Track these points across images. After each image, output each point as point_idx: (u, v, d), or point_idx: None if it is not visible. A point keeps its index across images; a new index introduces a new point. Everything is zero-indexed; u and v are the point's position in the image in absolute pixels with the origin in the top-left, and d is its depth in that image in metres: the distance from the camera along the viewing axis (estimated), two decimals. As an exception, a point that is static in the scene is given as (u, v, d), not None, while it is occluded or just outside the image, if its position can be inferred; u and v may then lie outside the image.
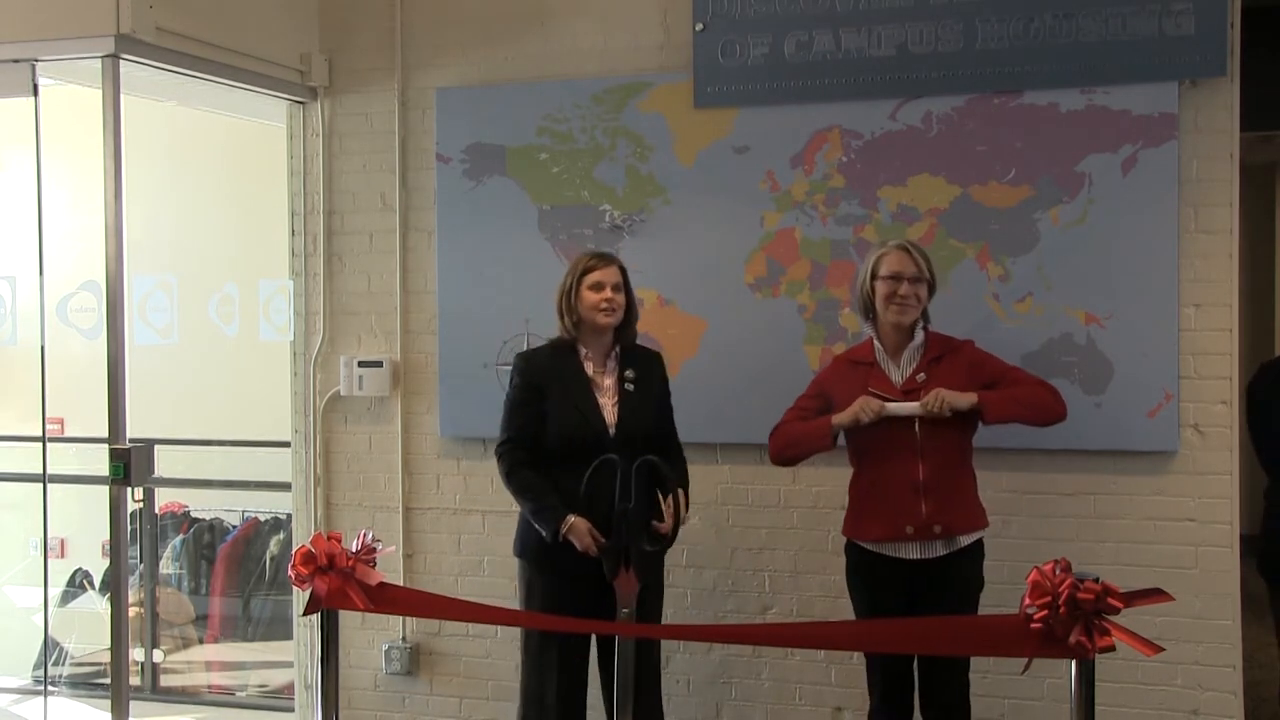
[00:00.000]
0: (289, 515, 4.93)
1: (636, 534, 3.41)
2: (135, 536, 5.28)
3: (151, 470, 3.99)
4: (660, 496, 3.49)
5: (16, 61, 3.87)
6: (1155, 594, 2.81)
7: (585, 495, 3.41)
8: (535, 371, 3.59)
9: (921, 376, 3.44)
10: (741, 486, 4.23)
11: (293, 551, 3.30)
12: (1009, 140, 3.92)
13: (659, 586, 3.70)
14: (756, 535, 4.23)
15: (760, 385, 4.11)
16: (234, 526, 5.66)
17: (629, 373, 3.59)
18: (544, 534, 3.46)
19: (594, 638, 3.64)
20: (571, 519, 3.42)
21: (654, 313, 4.18)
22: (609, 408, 3.55)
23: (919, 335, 3.51)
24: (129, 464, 3.79)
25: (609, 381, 3.59)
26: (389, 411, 4.62)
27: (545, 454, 3.56)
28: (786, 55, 4.09)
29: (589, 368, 3.59)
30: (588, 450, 3.44)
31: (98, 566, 5.68)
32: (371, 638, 4.63)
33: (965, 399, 3.34)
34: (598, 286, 3.52)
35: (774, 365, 4.11)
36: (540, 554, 3.54)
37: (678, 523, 3.52)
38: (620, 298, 3.56)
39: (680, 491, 3.53)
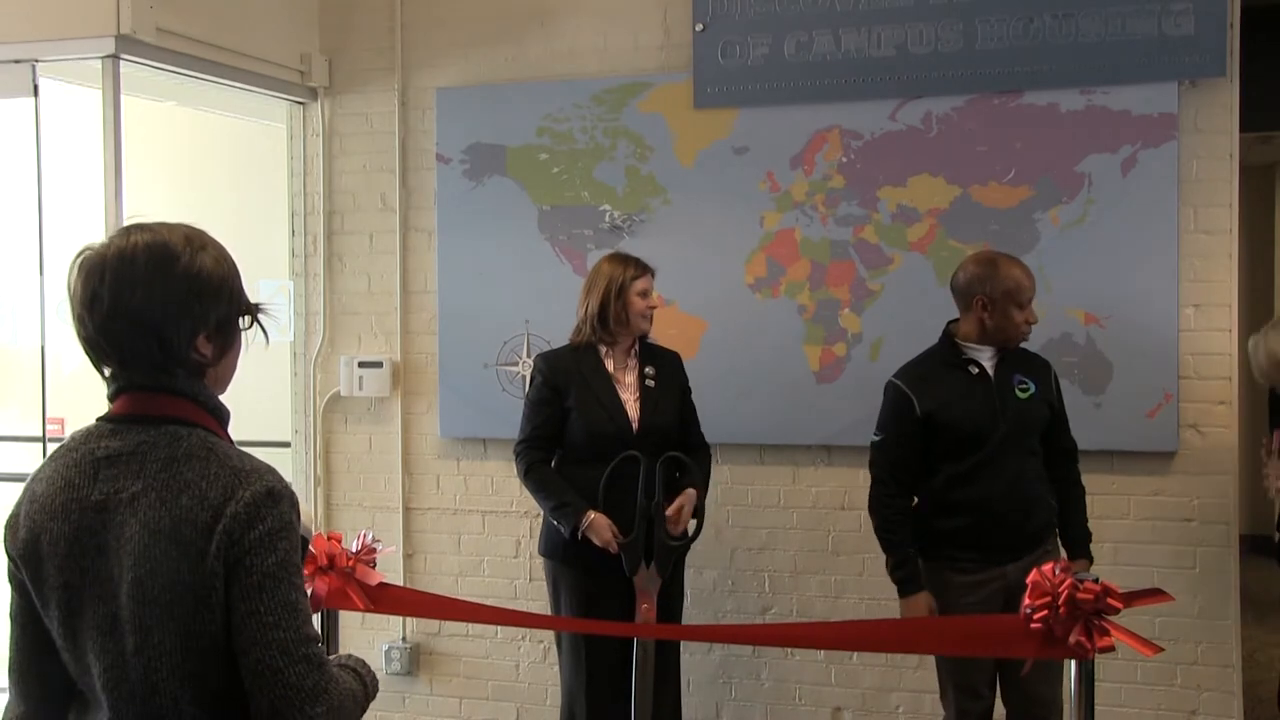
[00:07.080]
0: (289, 515, 4.92)
1: (661, 529, 3.46)
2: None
3: (151, 470, 3.98)
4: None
5: (17, 62, 3.86)
6: (1155, 594, 2.81)
7: (605, 491, 3.46)
8: (556, 372, 3.62)
9: None
10: (741, 486, 4.23)
11: (293, 551, 3.30)
12: (1009, 140, 3.91)
13: (680, 583, 3.73)
14: (756, 535, 4.23)
15: (760, 385, 4.12)
16: (234, 526, 5.65)
17: (649, 369, 3.64)
18: (563, 531, 3.50)
19: None
20: (591, 515, 3.46)
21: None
22: (631, 403, 3.59)
23: None
24: (129, 464, 3.78)
25: (630, 378, 3.63)
26: (389, 412, 4.62)
27: (569, 451, 3.61)
28: (786, 55, 4.09)
29: (609, 365, 3.63)
30: (612, 446, 3.51)
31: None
32: (371, 638, 4.63)
33: None
34: (644, 294, 3.61)
35: (774, 366, 4.11)
36: (564, 551, 3.57)
37: (700, 520, 3.57)
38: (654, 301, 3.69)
39: (693, 492, 3.56)
